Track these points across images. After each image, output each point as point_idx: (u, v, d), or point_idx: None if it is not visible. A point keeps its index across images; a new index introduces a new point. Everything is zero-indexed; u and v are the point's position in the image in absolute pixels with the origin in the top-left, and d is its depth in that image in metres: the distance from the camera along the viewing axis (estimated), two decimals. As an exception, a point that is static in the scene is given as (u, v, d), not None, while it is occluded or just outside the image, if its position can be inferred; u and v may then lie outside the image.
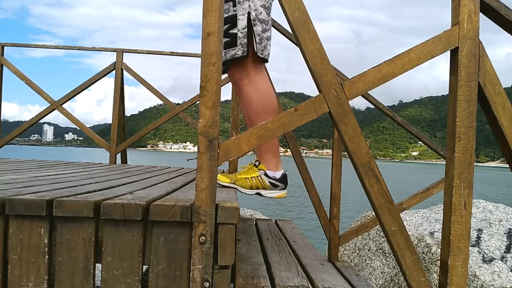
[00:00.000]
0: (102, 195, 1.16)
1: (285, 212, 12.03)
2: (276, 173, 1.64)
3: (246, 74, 1.63)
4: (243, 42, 1.57)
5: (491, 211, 3.00)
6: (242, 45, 1.57)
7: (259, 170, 1.63)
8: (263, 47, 1.62)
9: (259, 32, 1.59)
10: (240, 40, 1.57)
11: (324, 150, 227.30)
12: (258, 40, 1.59)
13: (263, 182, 1.63)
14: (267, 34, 1.63)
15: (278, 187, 1.65)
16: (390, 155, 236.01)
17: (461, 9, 1.10)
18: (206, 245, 1.00)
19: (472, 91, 1.10)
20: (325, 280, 1.40)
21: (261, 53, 1.61)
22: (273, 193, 1.65)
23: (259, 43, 1.60)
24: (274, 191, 1.65)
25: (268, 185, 1.64)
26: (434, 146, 2.59)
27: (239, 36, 1.57)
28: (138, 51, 4.23)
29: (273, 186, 1.64)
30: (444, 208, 1.15)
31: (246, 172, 1.65)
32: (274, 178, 1.64)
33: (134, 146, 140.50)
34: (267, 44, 1.64)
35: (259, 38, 1.60)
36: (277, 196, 1.66)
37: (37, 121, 4.11)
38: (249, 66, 1.62)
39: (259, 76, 1.64)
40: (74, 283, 1.02)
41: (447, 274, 1.10)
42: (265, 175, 1.63)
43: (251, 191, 1.64)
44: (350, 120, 1.10)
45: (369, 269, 3.07)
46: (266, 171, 1.63)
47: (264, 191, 1.64)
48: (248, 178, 1.63)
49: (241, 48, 1.57)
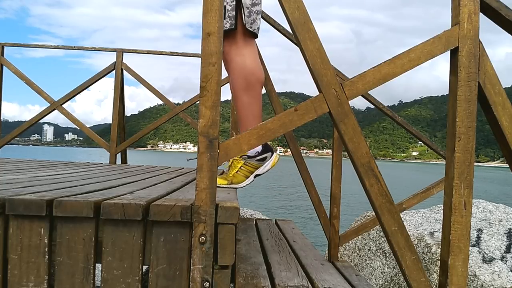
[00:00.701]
0: (102, 195, 1.16)
1: (285, 212, 12.03)
2: (256, 149, 1.64)
3: (235, 46, 1.64)
4: (231, 15, 1.58)
5: (491, 211, 3.00)
6: (230, 17, 1.58)
7: (241, 158, 1.63)
8: (252, 20, 1.62)
9: (247, 5, 1.60)
10: (228, 12, 1.58)
11: (324, 150, 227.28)
12: (246, 13, 1.60)
13: (251, 164, 1.64)
14: (257, 8, 1.63)
15: (266, 158, 1.66)
16: (390, 155, 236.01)
17: (461, 9, 1.10)
18: (206, 245, 1.00)
19: (472, 91, 1.10)
20: (325, 280, 1.40)
21: (250, 26, 1.62)
22: (266, 166, 1.66)
23: (248, 16, 1.60)
24: (266, 164, 1.66)
25: (257, 164, 1.64)
26: (434, 146, 2.59)
27: (228, 9, 1.58)
28: (138, 51, 4.23)
29: (262, 160, 1.65)
30: (444, 208, 1.15)
31: (233, 167, 1.65)
32: (258, 154, 1.64)
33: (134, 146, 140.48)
34: (257, 18, 1.64)
35: (248, 11, 1.60)
36: (272, 165, 1.67)
37: (37, 121, 4.11)
38: (238, 39, 1.63)
39: (248, 49, 1.65)
40: (74, 283, 1.02)
41: (447, 274, 1.10)
42: (248, 158, 1.63)
43: (249, 180, 1.64)
44: (350, 120, 1.10)
45: (369, 269, 3.07)
46: (246, 154, 1.63)
47: (258, 170, 1.65)
48: (238, 171, 1.64)
49: (229, 21, 1.58)
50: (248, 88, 1.64)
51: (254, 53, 1.68)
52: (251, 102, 1.66)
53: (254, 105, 1.67)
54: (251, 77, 1.64)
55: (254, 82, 1.65)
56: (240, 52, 1.64)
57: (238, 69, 1.64)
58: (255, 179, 1.66)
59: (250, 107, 1.67)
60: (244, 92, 1.65)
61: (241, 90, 1.65)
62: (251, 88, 1.65)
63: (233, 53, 1.64)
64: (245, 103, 1.66)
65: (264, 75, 1.74)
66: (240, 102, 1.67)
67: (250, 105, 1.66)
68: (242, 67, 1.64)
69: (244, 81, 1.64)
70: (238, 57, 1.64)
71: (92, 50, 4.34)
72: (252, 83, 1.64)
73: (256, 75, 1.65)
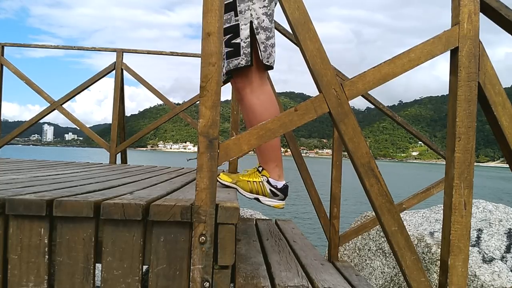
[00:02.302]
0: (102, 195, 1.16)
1: (285, 212, 12.03)
2: (278, 183, 1.64)
3: (249, 83, 1.63)
4: (247, 52, 1.57)
5: (491, 211, 3.00)
6: (245, 54, 1.57)
7: (262, 176, 1.63)
8: (268, 55, 1.61)
9: (262, 40, 1.59)
10: (243, 50, 1.57)
11: (324, 150, 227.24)
12: (262, 48, 1.59)
13: (264, 188, 1.63)
14: (271, 41, 1.63)
15: (278, 196, 1.65)
16: (390, 155, 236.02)
17: (461, 9, 1.10)
18: (206, 245, 1.00)
19: (472, 91, 1.10)
20: (325, 280, 1.40)
21: (267, 61, 1.61)
22: (271, 201, 1.65)
23: (264, 51, 1.59)
24: (273, 200, 1.65)
25: (268, 193, 1.64)
26: (434, 146, 2.59)
27: (242, 46, 1.56)
28: (138, 51, 4.24)
29: (273, 195, 1.64)
30: (444, 208, 1.15)
31: (249, 176, 1.65)
32: (276, 187, 1.64)
33: (134, 146, 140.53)
34: (272, 51, 1.63)
35: (264, 46, 1.59)
36: (275, 205, 1.66)
37: (37, 121, 4.11)
38: (252, 75, 1.62)
39: (262, 85, 1.64)
40: (74, 283, 1.02)
41: (447, 274, 1.10)
42: (267, 182, 1.63)
43: (250, 195, 1.64)
44: (350, 120, 1.10)
45: (369, 269, 3.07)
46: (269, 178, 1.63)
47: (263, 197, 1.64)
48: (250, 182, 1.63)
49: (245, 58, 1.57)
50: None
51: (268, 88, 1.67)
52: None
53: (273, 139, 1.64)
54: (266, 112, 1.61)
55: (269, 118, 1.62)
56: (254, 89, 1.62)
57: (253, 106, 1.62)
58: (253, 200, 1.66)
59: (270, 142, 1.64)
60: None
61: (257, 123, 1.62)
62: None
63: (247, 90, 1.63)
64: None
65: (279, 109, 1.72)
66: None
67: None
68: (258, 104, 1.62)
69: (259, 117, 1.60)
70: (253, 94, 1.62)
71: (92, 50, 4.34)
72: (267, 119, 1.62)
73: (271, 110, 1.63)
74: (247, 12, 1.57)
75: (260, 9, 1.58)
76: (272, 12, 1.63)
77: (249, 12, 1.57)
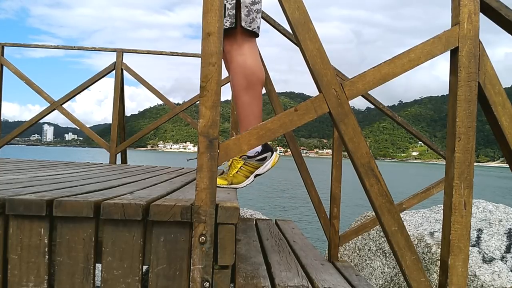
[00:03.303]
0: (102, 195, 1.16)
1: (285, 212, 12.03)
2: (256, 149, 1.64)
3: (236, 45, 1.64)
4: (231, 13, 1.58)
5: (491, 211, 3.00)
6: (230, 16, 1.58)
7: (241, 158, 1.63)
8: (251, 19, 1.61)
9: (247, 3, 1.59)
10: (228, 11, 1.58)
11: (324, 150, 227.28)
12: (245, 12, 1.59)
13: (251, 164, 1.63)
14: (257, 6, 1.63)
15: (266, 158, 1.66)
16: (390, 155, 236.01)
17: (461, 9, 1.10)
18: (206, 245, 1.00)
19: (472, 91, 1.10)
20: (325, 280, 1.40)
21: (249, 25, 1.61)
22: (266, 165, 1.66)
23: (247, 15, 1.60)
24: (266, 163, 1.66)
25: (257, 164, 1.64)
26: (434, 146, 2.59)
27: (228, 7, 1.58)
28: (138, 51, 4.23)
29: (262, 160, 1.65)
30: (444, 208, 1.15)
31: (233, 168, 1.65)
32: (258, 154, 1.64)
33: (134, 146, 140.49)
34: (256, 16, 1.64)
35: (247, 10, 1.60)
36: (272, 164, 1.67)
37: (37, 121, 4.11)
38: (238, 37, 1.63)
39: (248, 48, 1.65)
40: (74, 283, 1.02)
41: (447, 274, 1.10)
42: (248, 158, 1.63)
43: (249, 180, 1.64)
44: (350, 120, 1.10)
45: (369, 269, 3.07)
46: (246, 154, 1.63)
47: (258, 170, 1.65)
48: (238, 171, 1.63)
49: (229, 19, 1.58)
50: (248, 88, 1.64)
51: (255, 52, 1.68)
52: (251, 101, 1.66)
53: (254, 105, 1.67)
54: (251, 77, 1.64)
55: (255, 82, 1.65)
56: (240, 51, 1.64)
57: (238, 69, 1.64)
58: (255, 178, 1.66)
59: (250, 107, 1.67)
60: (244, 91, 1.65)
61: (241, 89, 1.65)
62: (251, 88, 1.65)
63: (233, 52, 1.64)
64: (246, 103, 1.66)
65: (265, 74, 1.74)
66: (241, 102, 1.67)
67: (251, 104, 1.66)
68: (243, 67, 1.64)
69: (244, 80, 1.64)
70: (239, 56, 1.64)
71: (92, 50, 4.34)
72: (253, 82, 1.64)
73: (257, 74, 1.65)
74: None
75: None
76: None
77: None
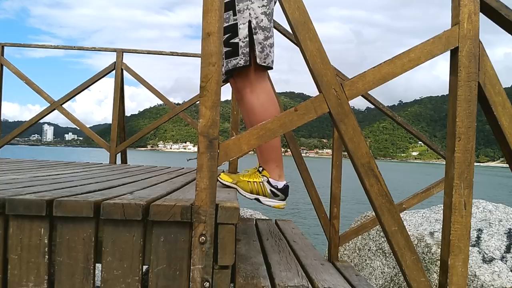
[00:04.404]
0: (102, 195, 1.16)
1: (285, 212, 12.03)
2: (279, 183, 1.64)
3: (249, 83, 1.62)
4: (245, 52, 1.56)
5: (491, 211, 3.00)
6: (244, 54, 1.56)
7: (263, 177, 1.63)
8: (266, 55, 1.60)
9: (260, 40, 1.58)
10: (242, 49, 1.56)
11: (324, 150, 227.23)
12: (260, 48, 1.58)
13: (264, 189, 1.63)
14: (270, 41, 1.61)
15: (278, 196, 1.65)
16: (390, 155, 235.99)
17: (461, 9, 1.10)
18: (206, 245, 1.00)
19: (472, 91, 1.10)
20: (325, 280, 1.40)
21: (264, 61, 1.59)
22: (272, 201, 1.65)
23: (261, 52, 1.58)
24: (273, 200, 1.65)
25: (268, 193, 1.63)
26: (434, 146, 2.59)
27: (241, 46, 1.56)
28: (138, 51, 4.24)
29: (273, 195, 1.64)
30: (444, 208, 1.15)
31: (249, 176, 1.65)
32: (276, 188, 1.63)
33: (134, 146, 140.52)
34: (270, 51, 1.62)
35: (261, 46, 1.58)
36: (276, 205, 1.65)
37: (37, 121, 4.11)
38: (251, 75, 1.61)
39: (262, 85, 1.63)
40: (74, 283, 1.02)
41: (447, 274, 1.10)
42: (267, 182, 1.63)
43: (250, 195, 1.64)
44: (350, 120, 1.10)
45: (369, 269, 3.07)
46: (269, 178, 1.63)
47: (264, 198, 1.64)
48: (250, 182, 1.63)
49: (243, 58, 1.56)
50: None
51: (268, 88, 1.66)
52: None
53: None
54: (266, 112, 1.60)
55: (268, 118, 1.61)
56: (254, 89, 1.61)
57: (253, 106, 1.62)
58: (253, 200, 1.65)
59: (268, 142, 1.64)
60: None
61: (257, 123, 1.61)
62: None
63: (247, 90, 1.62)
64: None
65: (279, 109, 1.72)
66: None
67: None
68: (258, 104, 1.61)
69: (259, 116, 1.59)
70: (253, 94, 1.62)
71: (92, 50, 4.34)
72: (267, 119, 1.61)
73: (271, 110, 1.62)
74: (245, 11, 1.56)
75: (259, 8, 1.57)
76: (271, 11, 1.62)
77: (247, 12, 1.56)
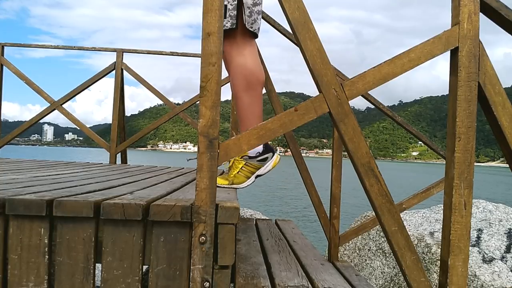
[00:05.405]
0: (102, 195, 1.16)
1: (285, 212, 12.03)
2: (257, 149, 1.64)
3: (236, 45, 1.65)
4: (232, 14, 1.59)
5: (491, 211, 3.00)
6: (231, 17, 1.59)
7: (242, 158, 1.63)
8: (253, 21, 1.62)
9: (249, 4, 1.61)
10: (229, 12, 1.59)
11: (324, 150, 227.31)
12: (247, 13, 1.60)
13: (253, 165, 1.64)
14: (258, 8, 1.64)
15: (267, 158, 1.66)
16: (390, 155, 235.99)
17: (461, 9, 1.10)
18: (206, 245, 1.00)
19: (472, 91, 1.10)
20: (325, 280, 1.40)
21: (251, 27, 1.62)
22: (267, 166, 1.66)
23: (249, 16, 1.61)
24: (267, 164, 1.66)
25: (258, 164, 1.64)
26: (434, 146, 2.59)
27: (229, 8, 1.59)
28: (138, 51, 4.24)
29: (263, 161, 1.65)
30: (444, 208, 1.15)
31: (234, 168, 1.65)
32: (259, 154, 1.64)
33: (134, 146, 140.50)
34: (257, 18, 1.65)
35: (249, 11, 1.61)
36: (273, 165, 1.67)
37: (37, 121, 4.11)
38: (238, 38, 1.64)
39: (248, 49, 1.66)
40: (74, 283, 1.02)
41: (447, 274, 1.10)
42: (249, 158, 1.63)
43: (250, 180, 1.64)
44: (350, 120, 1.10)
45: (369, 269, 3.07)
46: (247, 155, 1.63)
47: (259, 170, 1.65)
48: (240, 172, 1.64)
49: (230, 20, 1.59)
50: (248, 88, 1.65)
51: (255, 53, 1.69)
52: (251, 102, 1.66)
53: (254, 105, 1.67)
54: (251, 77, 1.64)
55: (255, 82, 1.65)
56: (240, 52, 1.64)
57: (238, 69, 1.65)
58: (256, 179, 1.66)
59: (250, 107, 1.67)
60: (244, 92, 1.65)
61: (241, 90, 1.66)
62: (251, 88, 1.65)
63: (233, 53, 1.65)
64: (246, 103, 1.67)
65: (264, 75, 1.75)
66: (241, 102, 1.67)
67: (251, 105, 1.67)
68: (243, 67, 1.64)
69: (244, 81, 1.64)
70: (239, 57, 1.64)
71: (92, 50, 4.34)
72: (253, 83, 1.65)
73: (257, 75, 1.66)
74: None
75: None
76: None
77: None
